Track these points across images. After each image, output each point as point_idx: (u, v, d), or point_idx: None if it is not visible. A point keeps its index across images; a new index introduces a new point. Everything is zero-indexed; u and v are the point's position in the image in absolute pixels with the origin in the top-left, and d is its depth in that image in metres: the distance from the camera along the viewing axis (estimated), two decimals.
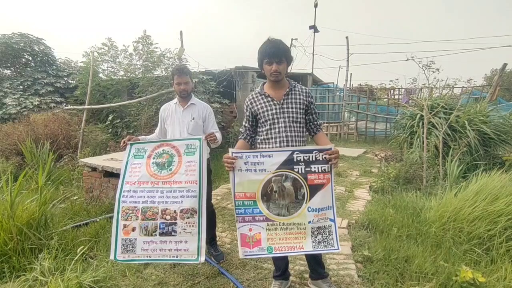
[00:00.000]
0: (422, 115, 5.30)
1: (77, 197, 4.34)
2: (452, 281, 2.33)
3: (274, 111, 2.08)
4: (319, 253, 1.98)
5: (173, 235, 2.10)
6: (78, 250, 2.50)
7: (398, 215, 3.47)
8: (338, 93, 13.11)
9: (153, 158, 2.28)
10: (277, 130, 2.08)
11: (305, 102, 2.12)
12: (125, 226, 2.12)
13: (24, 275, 2.39)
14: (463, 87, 8.94)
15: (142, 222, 2.12)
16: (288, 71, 2.12)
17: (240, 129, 2.25)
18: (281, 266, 2.26)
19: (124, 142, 2.36)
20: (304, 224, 1.89)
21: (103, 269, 2.44)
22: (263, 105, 2.10)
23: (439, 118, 5.37)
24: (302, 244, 1.89)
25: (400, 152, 6.63)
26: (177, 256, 2.11)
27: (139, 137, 2.54)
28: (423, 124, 5.13)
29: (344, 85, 10.74)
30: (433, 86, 6.39)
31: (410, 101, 8.46)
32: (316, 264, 2.23)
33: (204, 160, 2.24)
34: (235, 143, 2.24)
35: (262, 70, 2.09)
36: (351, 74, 11.93)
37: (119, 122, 7.62)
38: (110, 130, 7.56)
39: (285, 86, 2.12)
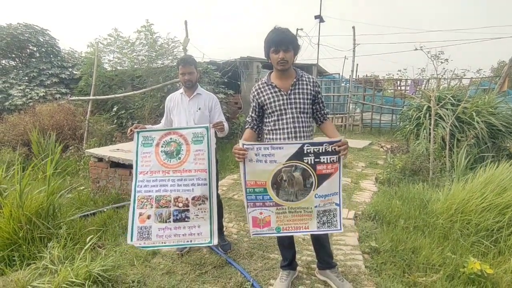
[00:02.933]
0: (429, 107, 5.23)
1: (84, 188, 4.37)
2: (459, 272, 2.34)
3: (281, 101, 2.05)
4: (322, 233, 2.06)
5: (186, 221, 2.21)
6: (88, 239, 2.53)
7: (404, 206, 3.46)
8: (343, 84, 13.01)
9: (162, 147, 2.30)
10: (284, 121, 2.06)
11: (313, 92, 2.10)
12: (140, 214, 2.21)
13: (34, 263, 2.43)
14: (471, 78, 8.79)
15: (156, 210, 2.21)
16: (295, 61, 2.09)
17: (247, 119, 2.23)
18: (288, 257, 2.27)
19: (131, 131, 2.37)
20: (311, 208, 1.99)
21: (111, 258, 2.46)
22: (270, 95, 2.07)
23: (447, 109, 5.30)
24: (308, 224, 2.01)
25: (406, 143, 6.58)
26: (191, 241, 2.21)
27: (146, 126, 2.54)
28: (430, 115, 5.06)
29: (350, 76, 10.63)
30: (441, 77, 6.28)
31: (417, 92, 8.34)
32: (324, 253, 2.23)
33: (213, 148, 2.27)
34: (241, 134, 2.23)
35: (269, 60, 2.06)
36: (357, 64, 11.80)
37: (124, 113, 7.61)
38: (115, 121, 7.55)
39: (292, 76, 2.09)
